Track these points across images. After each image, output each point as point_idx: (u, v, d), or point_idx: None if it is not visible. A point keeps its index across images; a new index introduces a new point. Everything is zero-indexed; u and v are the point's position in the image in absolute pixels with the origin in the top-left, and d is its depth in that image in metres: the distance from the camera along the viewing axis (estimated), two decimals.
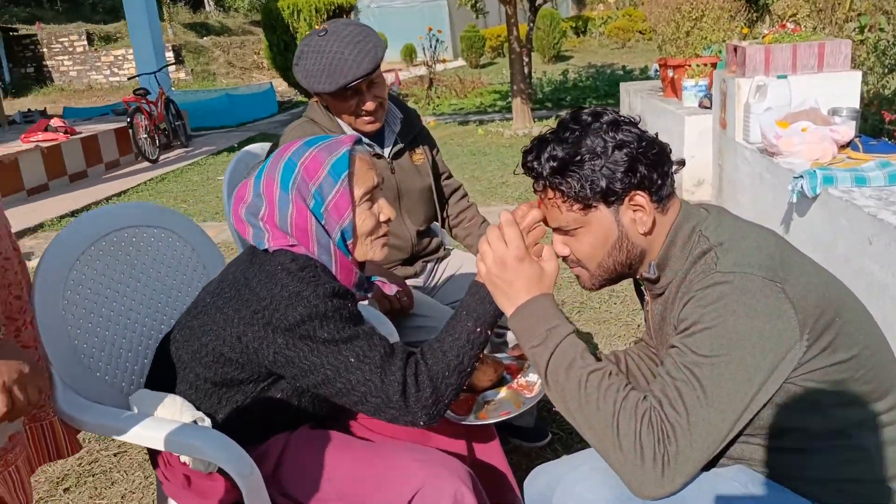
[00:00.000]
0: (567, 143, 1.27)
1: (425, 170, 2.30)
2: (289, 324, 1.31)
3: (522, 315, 1.28)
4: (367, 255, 1.50)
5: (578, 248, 1.33)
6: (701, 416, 1.15)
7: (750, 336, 1.15)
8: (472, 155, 7.92)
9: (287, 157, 1.43)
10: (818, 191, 2.89)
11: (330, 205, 1.41)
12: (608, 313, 3.46)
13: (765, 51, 4.00)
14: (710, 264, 1.23)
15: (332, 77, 1.97)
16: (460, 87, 13.90)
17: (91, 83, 20.45)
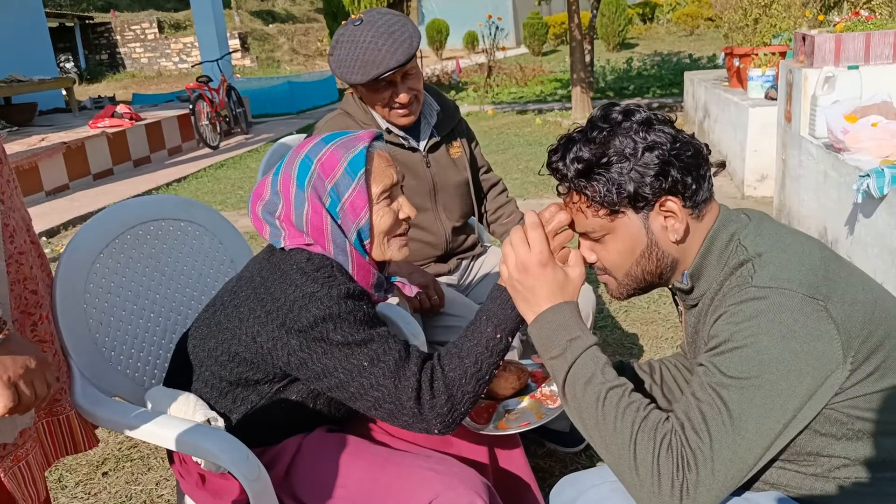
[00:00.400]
0: (594, 144, 1.18)
1: (462, 164, 2.24)
2: (302, 325, 1.28)
3: (543, 324, 1.21)
4: (385, 254, 1.45)
5: (605, 256, 1.25)
6: (725, 444, 1.06)
7: (784, 358, 1.05)
8: (529, 145, 7.80)
9: (304, 155, 1.40)
10: (886, 191, 2.71)
11: (346, 203, 1.37)
12: (656, 313, 3.34)
13: (835, 40, 3.77)
14: (745, 277, 1.13)
15: (365, 68, 1.93)
16: (521, 75, 13.73)
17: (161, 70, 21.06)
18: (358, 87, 2.04)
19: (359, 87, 2.04)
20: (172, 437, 1.34)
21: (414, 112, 2.08)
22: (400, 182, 1.46)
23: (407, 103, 2.03)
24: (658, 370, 1.56)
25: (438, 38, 21.23)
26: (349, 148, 1.39)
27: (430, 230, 2.17)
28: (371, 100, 2.05)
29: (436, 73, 14.96)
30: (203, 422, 1.39)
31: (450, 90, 13.32)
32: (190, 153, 8.94)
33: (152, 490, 2.34)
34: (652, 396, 1.54)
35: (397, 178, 1.44)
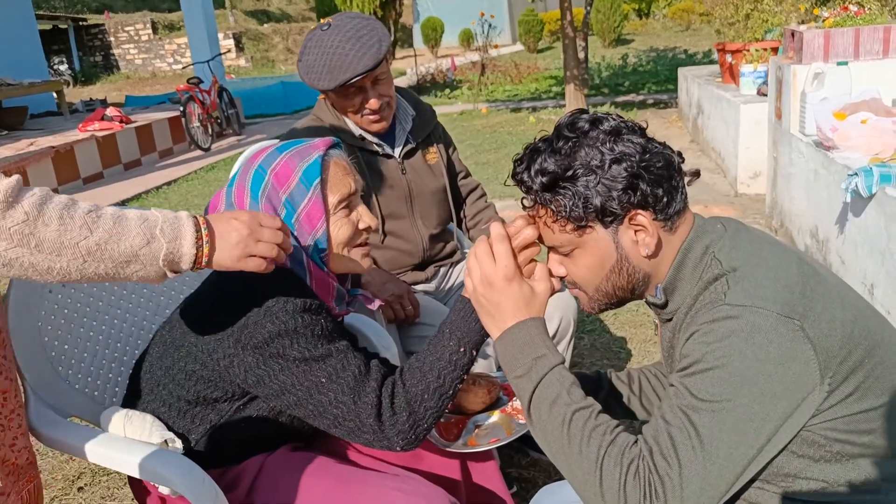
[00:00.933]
0: (559, 155, 1.12)
1: (439, 170, 2.19)
2: (258, 341, 1.24)
3: (508, 341, 1.16)
4: (344, 266, 1.40)
5: (574, 271, 1.19)
6: (695, 470, 1.00)
7: (758, 381, 1.00)
8: (522, 144, 7.59)
9: (258, 165, 1.35)
10: (874, 190, 2.66)
11: (302, 214, 1.33)
12: (645, 316, 3.29)
13: (824, 35, 3.72)
14: (718, 294, 1.08)
15: (332, 73, 1.88)
16: (515, 73, 13.67)
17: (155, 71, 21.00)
18: (328, 93, 1.99)
19: (329, 94, 2.00)
20: (126, 462, 1.30)
21: (386, 118, 2.03)
22: (359, 191, 1.41)
23: (378, 109, 1.98)
24: (637, 380, 1.52)
25: (433, 35, 21.16)
26: (304, 157, 1.34)
27: (406, 238, 2.12)
28: (342, 106, 2.01)
29: (430, 72, 14.90)
30: (160, 444, 1.34)
31: (444, 88, 13.26)
32: (181, 155, 8.88)
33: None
34: (630, 408, 1.50)
35: (355, 186, 1.39)
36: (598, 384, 1.50)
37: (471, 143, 7.89)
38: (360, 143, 2.06)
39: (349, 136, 2.06)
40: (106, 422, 1.40)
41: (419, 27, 22.11)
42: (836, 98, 3.42)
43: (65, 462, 2.55)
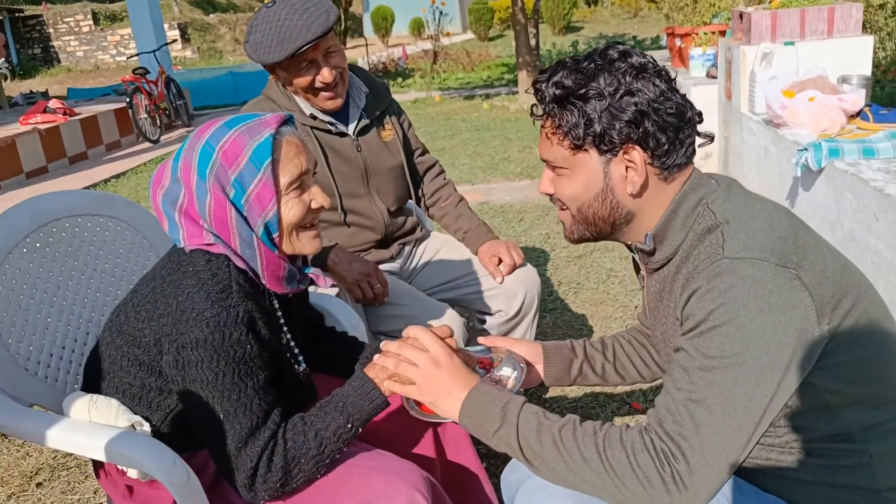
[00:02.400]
0: (580, 74, 1.15)
1: (395, 147, 2.17)
2: (182, 342, 1.21)
3: (471, 408, 1.20)
4: (294, 248, 1.36)
5: (561, 188, 1.23)
6: (713, 428, 1.03)
7: (764, 332, 1.02)
8: (476, 130, 7.76)
9: (205, 141, 1.29)
10: (823, 164, 2.74)
11: (252, 195, 1.27)
12: (605, 294, 3.33)
13: (771, 16, 3.81)
14: (715, 247, 1.09)
15: (282, 44, 1.85)
16: (467, 61, 13.67)
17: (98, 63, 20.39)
18: (279, 72, 1.95)
19: (279, 71, 1.96)
20: (92, 446, 1.26)
21: (340, 94, 2.00)
22: (312, 170, 1.37)
23: (331, 82, 1.95)
24: (611, 347, 1.55)
25: (384, 25, 21.00)
26: (254, 135, 1.28)
27: (366, 215, 2.11)
28: (293, 82, 1.96)
29: (382, 61, 14.80)
30: (127, 427, 1.31)
31: (396, 77, 13.18)
32: (129, 148, 8.66)
33: (90, 499, 2.24)
34: (604, 376, 1.53)
35: (308, 165, 1.34)
36: (574, 353, 1.51)
37: (426, 130, 7.87)
38: (311, 122, 2.04)
39: (300, 115, 2.03)
40: (69, 408, 1.36)
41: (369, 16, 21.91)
42: (784, 77, 3.50)
43: (21, 458, 2.48)
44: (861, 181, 2.43)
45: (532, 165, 5.96)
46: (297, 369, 1.47)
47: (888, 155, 2.65)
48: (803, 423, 1.13)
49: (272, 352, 1.32)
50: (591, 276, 3.55)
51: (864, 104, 3.20)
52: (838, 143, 2.75)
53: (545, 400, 2.51)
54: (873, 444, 1.13)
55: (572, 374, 1.51)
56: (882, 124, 3.03)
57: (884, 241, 2.29)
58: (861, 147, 2.70)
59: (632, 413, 2.39)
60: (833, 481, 1.14)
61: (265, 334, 1.29)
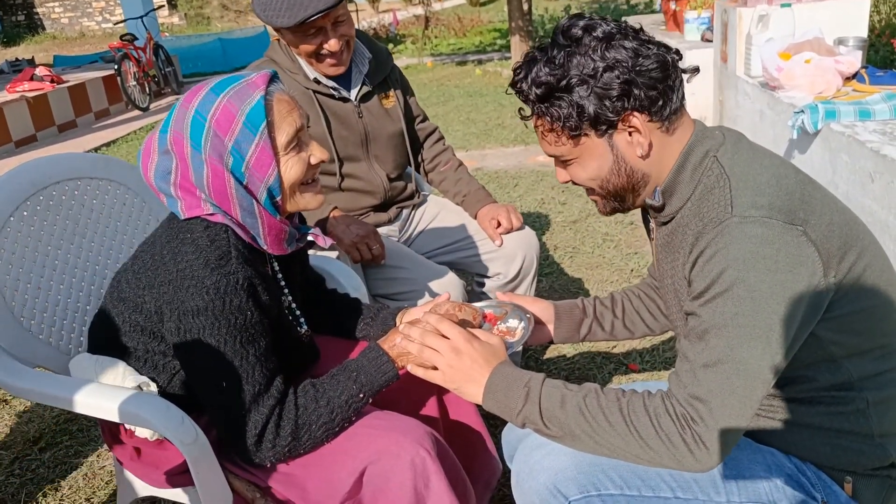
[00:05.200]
0: (553, 65, 1.14)
1: (396, 114, 2.17)
2: (183, 310, 1.21)
3: (494, 389, 1.21)
4: (299, 205, 1.36)
5: (577, 175, 1.23)
6: (728, 388, 1.05)
7: (774, 291, 1.04)
8: (469, 96, 7.70)
9: (193, 111, 1.25)
10: (819, 126, 2.74)
11: (251, 161, 1.25)
12: (601, 258, 3.35)
13: None
14: (724, 205, 1.10)
15: (292, 10, 1.82)
16: (459, 27, 13.52)
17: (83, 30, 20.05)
18: (285, 33, 1.93)
19: (285, 34, 1.94)
20: (100, 406, 1.27)
21: (344, 62, 1.99)
22: (306, 124, 1.35)
23: (338, 51, 1.93)
24: (620, 303, 1.57)
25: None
26: (244, 99, 1.25)
27: (365, 179, 2.11)
28: (299, 47, 1.95)
29: (372, 27, 14.62)
30: (134, 388, 1.32)
31: (388, 43, 13.03)
32: (119, 116, 8.56)
33: (93, 462, 2.26)
34: (613, 332, 1.56)
35: (301, 121, 1.32)
36: (584, 312, 1.54)
37: (418, 96, 7.76)
38: (315, 86, 2.02)
39: (304, 78, 2.01)
40: (75, 369, 1.37)
41: None
42: (780, 39, 3.48)
43: (24, 423, 2.49)
44: (857, 143, 2.44)
45: (526, 132, 5.93)
46: (300, 332, 1.48)
47: (884, 116, 2.66)
48: (807, 374, 1.16)
49: (273, 316, 1.33)
50: (586, 240, 3.56)
51: (860, 66, 3.19)
52: (835, 105, 2.75)
53: (542, 362, 2.54)
54: (871, 392, 1.16)
55: (581, 332, 1.54)
56: (878, 86, 3.03)
57: (878, 201, 2.30)
58: (857, 109, 2.70)
59: (629, 373, 2.42)
60: (830, 426, 1.18)
61: (265, 300, 1.29)
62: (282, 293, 1.43)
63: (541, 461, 1.21)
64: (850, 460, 1.19)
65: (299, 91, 2.00)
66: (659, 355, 2.50)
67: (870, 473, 1.20)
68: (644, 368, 2.44)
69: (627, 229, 3.62)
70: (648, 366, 2.45)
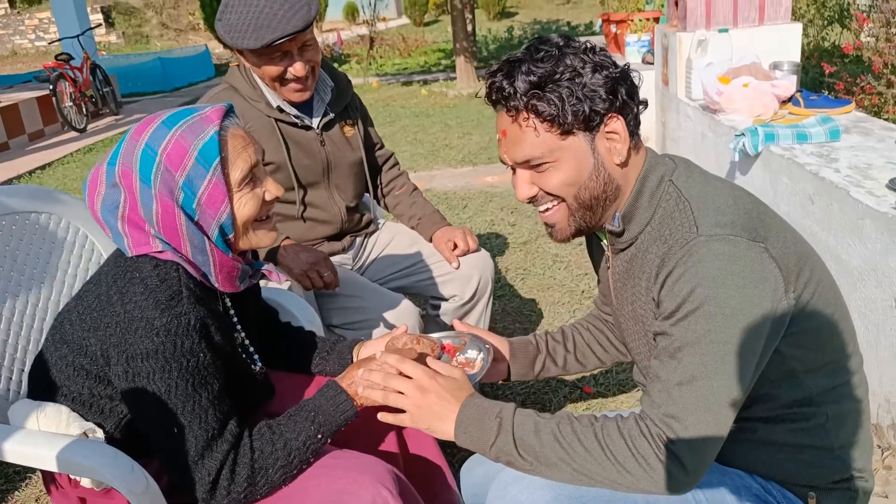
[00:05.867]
0: (543, 62, 1.15)
1: (356, 143, 2.15)
2: (131, 353, 1.16)
3: (466, 423, 1.20)
4: (252, 243, 1.32)
5: (549, 181, 1.20)
6: (701, 406, 1.06)
7: (743, 307, 1.06)
8: (416, 117, 7.72)
9: (144, 144, 1.20)
10: (760, 148, 2.82)
11: (203, 197, 1.21)
12: (552, 279, 3.37)
13: (706, 3, 3.90)
14: (688, 226, 1.12)
15: (259, 31, 1.78)
16: (403, 47, 13.57)
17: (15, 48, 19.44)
18: (249, 56, 1.89)
19: (249, 57, 1.89)
20: (44, 456, 1.21)
21: (309, 88, 1.95)
22: (261, 160, 1.32)
23: (303, 76, 1.89)
24: (571, 337, 1.58)
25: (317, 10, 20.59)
26: (197, 133, 1.21)
27: (323, 208, 2.08)
28: (263, 71, 1.90)
29: None
30: (79, 435, 1.25)
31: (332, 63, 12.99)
32: (54, 137, 8.29)
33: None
34: (566, 367, 1.57)
35: (256, 157, 1.29)
36: (537, 348, 1.55)
37: None
38: (277, 114, 1.98)
39: (266, 106, 1.97)
40: (15, 416, 1.30)
41: None
42: (719, 64, 3.60)
43: None
44: (796, 165, 2.52)
45: (473, 152, 5.97)
46: (254, 369, 1.44)
47: (820, 139, 2.76)
48: (770, 391, 1.18)
49: (226, 355, 1.29)
50: (537, 261, 3.59)
51: (795, 90, 3.31)
52: (773, 129, 2.84)
53: (498, 387, 2.53)
54: (830, 406, 1.20)
55: (536, 369, 1.55)
56: (812, 109, 3.15)
57: (819, 223, 2.38)
58: (795, 132, 2.80)
59: (584, 398, 2.43)
60: (793, 442, 1.21)
61: (218, 339, 1.25)
62: (235, 330, 1.39)
63: (517, 496, 1.19)
64: (813, 474, 1.22)
65: (260, 119, 1.96)
66: (612, 377, 2.52)
67: (831, 487, 1.23)
68: (598, 391, 2.46)
69: (577, 250, 3.66)
70: (602, 388, 2.47)
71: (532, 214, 4.23)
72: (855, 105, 3.29)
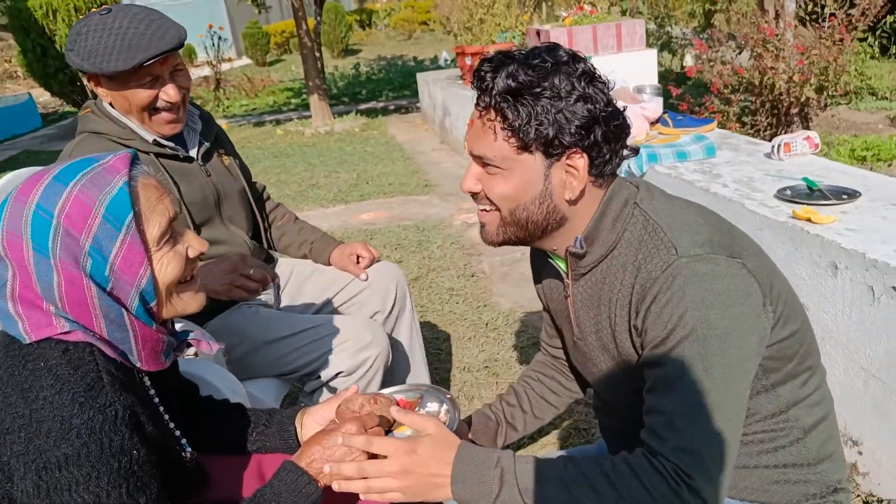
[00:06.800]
0: (533, 70, 1.07)
1: (235, 171, 2.01)
2: (45, 462, 0.94)
3: (463, 478, 1.08)
4: (178, 310, 1.14)
5: (492, 188, 1.15)
6: (707, 432, 1.01)
7: (733, 326, 1.03)
8: (275, 157, 7.47)
9: (35, 205, 1.01)
10: (645, 168, 2.91)
11: (116, 263, 1.03)
12: (452, 314, 3.30)
13: (567, 33, 4.04)
14: (664, 248, 1.08)
15: (129, 51, 1.61)
16: (250, 87, 13.21)
17: None
18: (111, 85, 1.69)
19: (111, 86, 1.69)
20: None
21: (181, 119, 1.79)
22: (178, 212, 1.15)
23: (176, 103, 1.73)
24: (524, 395, 1.51)
25: None
26: (102, 187, 1.03)
27: (226, 242, 1.90)
28: (130, 101, 1.71)
29: None
30: None
31: None
32: None
33: None
34: (526, 428, 1.51)
35: (174, 209, 1.12)
36: (497, 421, 1.48)
37: None
38: (156, 148, 1.79)
39: (142, 142, 1.77)
40: None
41: None
42: None
43: None
44: (686, 182, 2.61)
45: (343, 190, 5.83)
46: (185, 457, 1.24)
47: (699, 157, 2.89)
48: (751, 407, 1.16)
49: (159, 447, 1.09)
50: (433, 297, 3.50)
51: (661, 111, 3.47)
52: (654, 149, 2.95)
53: None
54: (803, 417, 1.19)
55: (499, 443, 1.47)
56: (681, 129, 3.30)
57: None
58: (675, 151, 2.92)
59: None
60: (775, 463, 1.19)
61: (150, 430, 1.06)
62: (161, 417, 1.19)
63: None
64: (800, 493, 1.21)
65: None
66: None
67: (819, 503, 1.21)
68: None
69: (471, 282, 3.61)
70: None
71: (418, 249, 4.15)
72: (717, 123, 3.49)
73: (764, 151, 2.88)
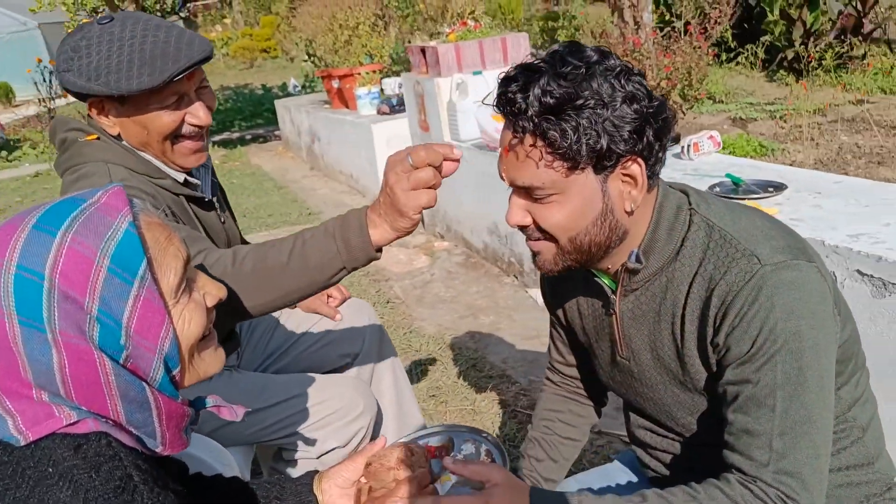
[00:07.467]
0: (566, 80, 0.95)
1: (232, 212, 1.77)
2: None
3: None
4: (200, 373, 0.95)
5: (547, 218, 1.03)
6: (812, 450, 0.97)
7: (821, 336, 0.98)
8: None
9: (14, 267, 0.79)
10: None
11: (132, 327, 0.83)
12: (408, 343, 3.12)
13: (455, 49, 4.01)
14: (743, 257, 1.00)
15: (154, 65, 1.28)
16: None
17: None
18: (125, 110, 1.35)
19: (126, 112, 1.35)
20: None
21: (207, 146, 1.49)
22: (190, 255, 0.95)
23: (206, 126, 1.42)
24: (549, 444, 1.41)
25: None
26: (101, 232, 0.82)
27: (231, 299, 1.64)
28: (148, 128, 1.36)
29: None
30: None
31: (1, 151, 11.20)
32: None
33: None
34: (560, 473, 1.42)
35: (185, 249, 0.92)
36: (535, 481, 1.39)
37: None
38: (187, 190, 1.48)
39: (173, 183, 1.45)
40: None
41: None
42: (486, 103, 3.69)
43: None
44: None
45: (283, 213, 5.51)
46: None
47: None
48: None
49: None
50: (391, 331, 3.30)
51: None
52: None
53: None
54: (860, 416, 1.17)
55: None
56: None
57: None
58: None
59: None
60: (838, 466, 1.15)
61: None
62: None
63: None
64: (862, 494, 1.19)
65: (171, 202, 1.44)
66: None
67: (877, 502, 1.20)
68: None
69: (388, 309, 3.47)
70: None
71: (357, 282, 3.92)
72: None
73: (672, 153, 2.96)
